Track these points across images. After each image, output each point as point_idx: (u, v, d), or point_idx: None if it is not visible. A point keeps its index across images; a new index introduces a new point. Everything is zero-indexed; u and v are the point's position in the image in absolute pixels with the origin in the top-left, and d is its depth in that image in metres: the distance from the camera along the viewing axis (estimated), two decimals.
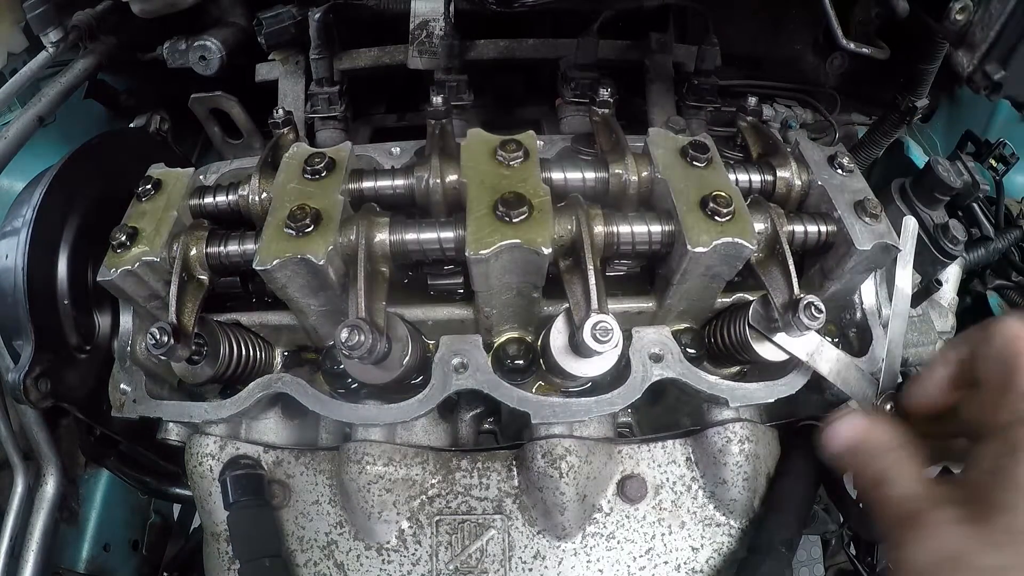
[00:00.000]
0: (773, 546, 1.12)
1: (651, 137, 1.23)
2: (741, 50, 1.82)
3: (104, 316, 1.37)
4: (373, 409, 1.17)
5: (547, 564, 1.19)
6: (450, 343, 1.18)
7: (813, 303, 1.05)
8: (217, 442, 1.24)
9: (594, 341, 1.00)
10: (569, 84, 1.61)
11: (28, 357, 1.19)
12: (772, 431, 1.24)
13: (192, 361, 1.18)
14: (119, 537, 1.79)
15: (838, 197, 1.19)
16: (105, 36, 1.65)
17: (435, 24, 1.56)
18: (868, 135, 1.78)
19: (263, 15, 1.61)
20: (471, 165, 1.14)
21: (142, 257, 1.15)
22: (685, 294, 1.17)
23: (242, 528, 1.17)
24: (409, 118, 1.95)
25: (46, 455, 1.47)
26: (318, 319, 1.20)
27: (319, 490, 1.24)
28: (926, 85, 1.58)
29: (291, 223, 1.07)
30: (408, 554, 1.20)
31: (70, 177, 1.33)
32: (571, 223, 1.10)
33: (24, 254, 1.23)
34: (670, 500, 1.21)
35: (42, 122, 1.50)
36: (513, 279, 1.09)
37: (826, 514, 1.67)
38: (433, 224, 1.12)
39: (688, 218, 1.08)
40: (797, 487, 1.19)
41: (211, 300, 1.22)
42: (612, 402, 1.15)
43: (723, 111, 1.66)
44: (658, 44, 1.70)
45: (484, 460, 1.23)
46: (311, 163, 1.18)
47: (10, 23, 1.67)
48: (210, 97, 1.62)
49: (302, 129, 1.63)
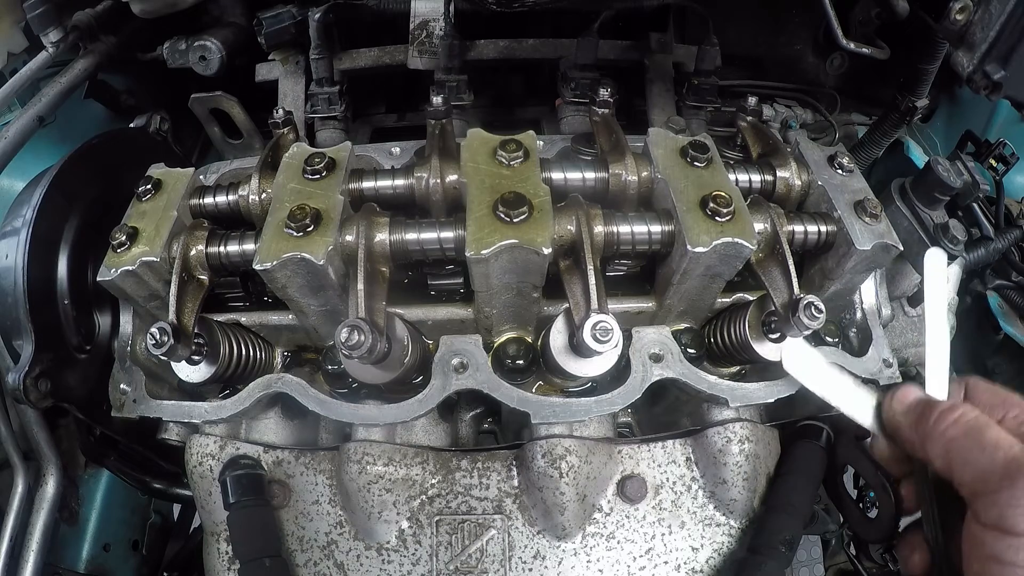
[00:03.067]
0: (773, 546, 1.12)
1: (651, 137, 1.23)
2: (741, 50, 1.82)
3: (104, 316, 1.37)
4: (373, 409, 1.17)
5: (547, 564, 1.19)
6: (450, 343, 1.18)
7: (813, 303, 1.05)
8: (217, 442, 1.24)
9: (594, 341, 1.00)
10: (569, 84, 1.61)
11: (28, 357, 1.19)
12: (772, 431, 1.24)
13: (192, 361, 1.18)
14: (119, 537, 1.79)
15: (838, 197, 1.20)
16: (105, 36, 1.65)
17: (435, 24, 1.56)
18: (868, 135, 1.78)
19: (263, 15, 1.61)
20: (471, 165, 1.14)
21: (142, 257, 1.15)
22: (685, 294, 1.17)
23: (242, 528, 1.17)
24: (409, 118, 1.95)
25: (46, 455, 1.47)
26: (318, 319, 1.20)
27: (319, 490, 1.24)
28: (926, 85, 1.58)
29: (291, 223, 1.07)
30: (408, 554, 1.20)
31: (70, 177, 1.33)
32: (571, 223, 1.10)
33: (24, 254, 1.23)
34: (670, 500, 1.21)
35: (42, 122, 1.50)
36: (513, 279, 1.09)
37: (826, 514, 1.67)
38: (433, 224, 1.12)
39: (688, 218, 1.08)
40: (797, 487, 1.19)
41: (211, 300, 1.22)
42: (612, 402, 1.15)
43: (723, 111, 1.66)
44: (658, 44, 1.70)
45: (484, 460, 1.23)
46: (311, 163, 1.18)
47: (10, 23, 1.67)
48: (210, 97, 1.62)
49: (302, 129, 1.63)
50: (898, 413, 0.98)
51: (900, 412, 0.98)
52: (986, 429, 0.85)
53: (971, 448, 0.84)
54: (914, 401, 0.98)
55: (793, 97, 1.91)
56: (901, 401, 0.99)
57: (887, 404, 1.01)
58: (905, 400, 0.98)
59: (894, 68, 1.54)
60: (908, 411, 0.97)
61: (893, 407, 1.00)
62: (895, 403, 1.00)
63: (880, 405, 1.04)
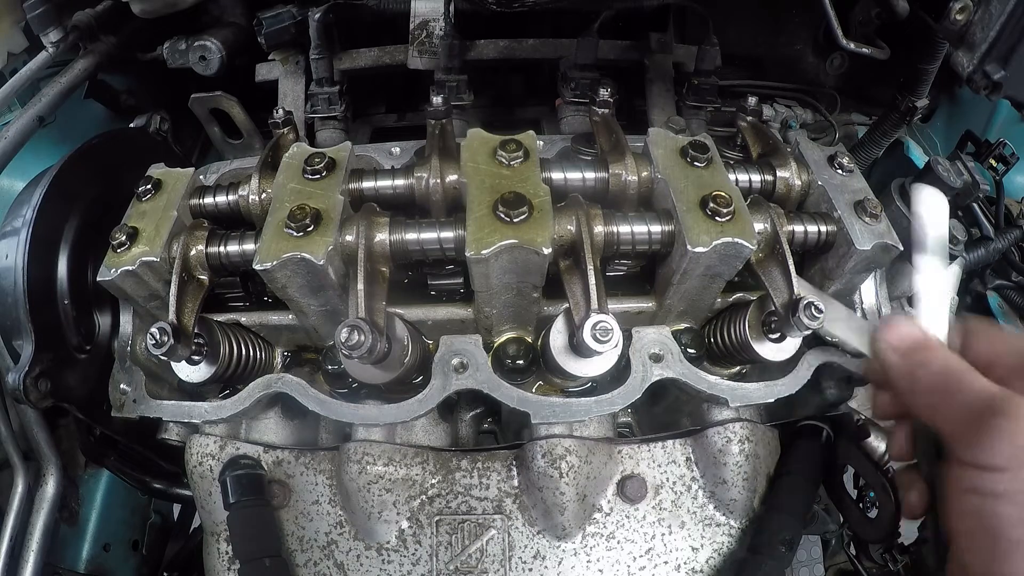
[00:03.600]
0: (773, 546, 1.12)
1: (651, 137, 1.23)
2: (741, 50, 1.82)
3: (104, 316, 1.37)
4: (373, 409, 1.17)
5: (547, 564, 1.19)
6: (450, 343, 1.18)
7: (813, 303, 1.05)
8: (217, 442, 1.24)
9: (594, 341, 1.00)
10: (569, 84, 1.61)
11: (28, 357, 1.19)
12: (772, 431, 1.24)
13: (192, 361, 1.18)
14: (119, 537, 1.79)
15: (838, 197, 1.20)
16: (105, 36, 1.65)
17: (435, 24, 1.56)
18: (868, 135, 1.78)
19: (263, 15, 1.61)
20: (471, 165, 1.14)
21: (142, 257, 1.15)
22: (685, 294, 1.17)
23: (242, 528, 1.17)
24: (409, 118, 1.95)
25: (46, 455, 1.47)
26: (318, 319, 1.20)
27: (319, 490, 1.24)
28: (926, 85, 1.58)
29: (291, 223, 1.07)
30: (408, 554, 1.20)
31: (70, 177, 1.33)
32: (571, 223, 1.10)
33: (24, 254, 1.23)
34: (670, 500, 1.21)
35: (42, 122, 1.50)
36: (513, 279, 1.09)
37: (826, 514, 1.67)
38: (433, 224, 1.12)
39: (688, 218, 1.08)
40: (797, 487, 1.19)
41: (211, 300, 1.22)
42: (612, 402, 1.15)
43: (723, 111, 1.66)
44: (658, 44, 1.70)
45: (484, 460, 1.23)
46: (311, 163, 1.18)
47: (10, 23, 1.67)
48: (210, 97, 1.62)
49: (302, 129, 1.63)
50: (888, 348, 0.95)
51: (890, 348, 0.94)
52: (966, 373, 0.86)
53: (952, 394, 0.85)
54: (906, 338, 0.94)
55: (793, 97, 1.91)
56: (892, 333, 0.95)
57: (878, 333, 0.96)
58: (895, 333, 0.94)
59: (894, 68, 1.54)
60: (898, 349, 0.94)
61: (884, 339, 0.95)
62: (886, 334, 0.95)
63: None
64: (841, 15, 1.35)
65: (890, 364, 0.94)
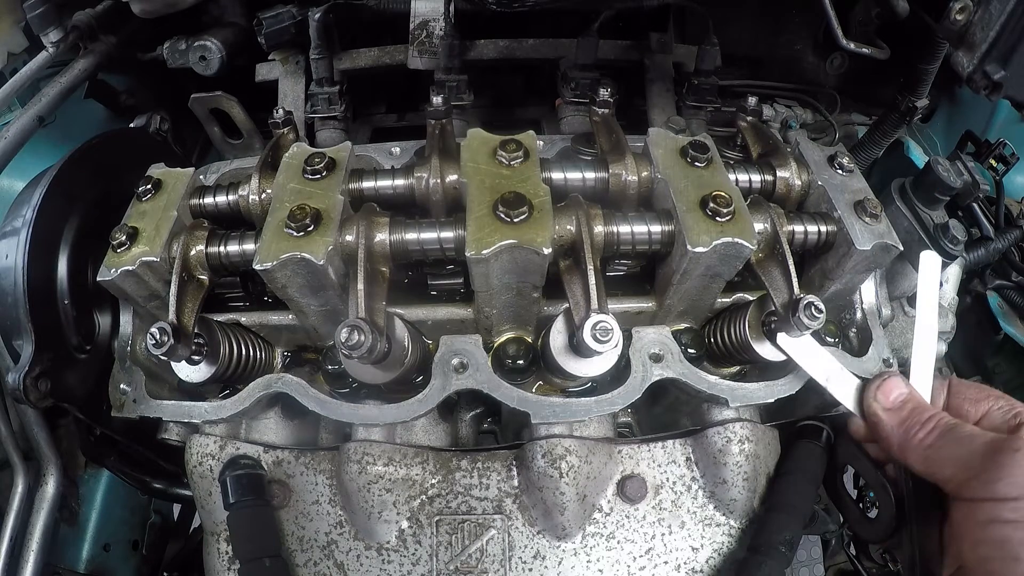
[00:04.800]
0: (773, 546, 1.12)
1: (651, 137, 1.23)
2: (741, 50, 1.82)
3: (104, 316, 1.37)
4: (373, 409, 1.17)
5: (547, 564, 1.19)
6: (450, 343, 1.18)
7: (813, 303, 1.05)
8: (217, 442, 1.24)
9: (594, 341, 1.00)
10: (569, 84, 1.61)
11: (28, 357, 1.19)
12: (772, 431, 1.24)
13: (192, 361, 1.18)
14: (119, 537, 1.79)
15: (838, 197, 1.20)
16: (105, 36, 1.65)
17: (435, 24, 1.56)
18: (868, 135, 1.78)
19: (263, 15, 1.61)
20: (471, 165, 1.14)
21: (142, 257, 1.15)
22: (685, 294, 1.17)
23: (242, 528, 1.17)
24: (409, 118, 1.95)
25: (46, 455, 1.48)
26: (318, 319, 1.20)
27: (319, 490, 1.24)
28: (926, 85, 1.58)
29: (291, 223, 1.07)
30: (408, 554, 1.20)
31: (70, 177, 1.33)
32: (571, 223, 1.10)
33: (24, 254, 1.23)
34: (670, 500, 1.21)
35: (42, 122, 1.50)
36: (513, 279, 1.09)
37: (826, 514, 1.67)
38: (433, 224, 1.12)
39: (688, 218, 1.08)
40: (797, 487, 1.19)
41: (211, 300, 1.22)
42: (612, 402, 1.15)
43: (723, 111, 1.66)
44: (658, 44, 1.70)
45: (484, 460, 1.23)
46: (311, 163, 1.18)
47: (10, 23, 1.67)
48: (210, 97, 1.62)
49: (302, 129, 1.63)
50: (880, 408, 1.04)
51: (882, 408, 1.04)
52: (960, 426, 0.95)
53: (949, 446, 0.93)
54: (897, 400, 1.03)
55: (793, 97, 1.91)
56: (885, 395, 1.05)
57: (870, 394, 1.07)
58: (888, 396, 1.04)
59: (894, 68, 1.54)
60: (890, 410, 1.03)
61: (877, 400, 1.05)
62: (879, 396, 1.05)
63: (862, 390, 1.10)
64: (841, 15, 1.35)
65: (882, 423, 1.04)
